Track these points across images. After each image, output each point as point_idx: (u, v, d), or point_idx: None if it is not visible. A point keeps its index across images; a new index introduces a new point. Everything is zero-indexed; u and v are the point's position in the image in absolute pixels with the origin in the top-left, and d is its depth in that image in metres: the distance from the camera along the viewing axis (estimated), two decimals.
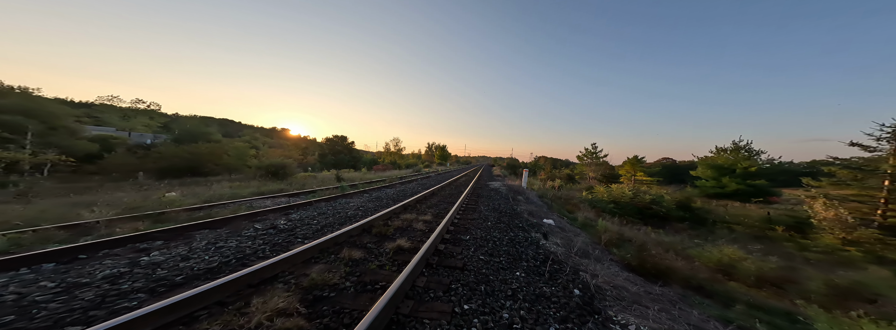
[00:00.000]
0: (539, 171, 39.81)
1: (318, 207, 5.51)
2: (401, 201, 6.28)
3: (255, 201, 5.94)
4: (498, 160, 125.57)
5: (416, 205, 6.20)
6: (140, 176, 12.30)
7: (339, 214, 4.83)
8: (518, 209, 7.19)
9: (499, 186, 12.58)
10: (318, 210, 5.13)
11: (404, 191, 8.65)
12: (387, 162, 36.44)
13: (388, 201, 6.53)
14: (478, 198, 8.09)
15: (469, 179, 14.78)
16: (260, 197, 6.43)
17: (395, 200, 6.62)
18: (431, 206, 6.21)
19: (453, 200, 6.97)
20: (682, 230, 9.14)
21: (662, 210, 10.74)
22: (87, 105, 34.58)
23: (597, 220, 9.44)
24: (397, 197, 7.28)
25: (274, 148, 26.78)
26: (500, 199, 8.53)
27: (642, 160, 29.66)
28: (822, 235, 6.86)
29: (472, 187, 10.33)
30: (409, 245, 3.19)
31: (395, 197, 7.28)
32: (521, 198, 10.29)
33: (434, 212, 5.46)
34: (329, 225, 4.12)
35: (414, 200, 6.38)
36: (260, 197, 6.43)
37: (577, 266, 3.38)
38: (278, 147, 26.46)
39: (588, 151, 32.64)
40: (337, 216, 4.69)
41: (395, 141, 62.88)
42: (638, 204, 11.27)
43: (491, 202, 7.53)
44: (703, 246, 6.61)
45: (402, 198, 7.04)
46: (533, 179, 15.42)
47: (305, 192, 7.65)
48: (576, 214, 10.55)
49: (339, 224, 4.20)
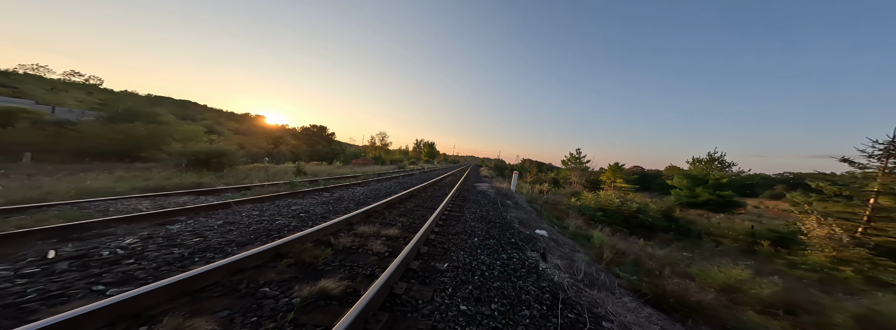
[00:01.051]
0: (525, 173, 40.05)
1: (233, 213, 3.90)
2: (366, 205, 5.25)
3: (118, 203, 4.04)
4: (485, 161, 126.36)
5: (385, 211, 5.07)
6: (26, 157, 9.95)
7: (255, 227, 3.33)
8: (508, 218, 6.38)
9: (486, 188, 11.79)
10: (225, 219, 3.54)
11: (378, 191, 7.54)
12: (370, 157, 34.61)
13: (350, 204, 5.41)
14: (463, 202, 7.18)
15: (455, 180, 13.89)
16: (143, 196, 4.53)
17: (359, 204, 5.53)
18: (404, 212, 5.13)
19: (434, 205, 6.04)
20: (668, 241, 8.99)
21: (648, 219, 10.57)
22: (3, 73, 29.23)
23: (586, 228, 8.95)
24: (364, 199, 6.22)
25: (240, 135, 24.13)
26: (488, 204, 7.70)
27: (622, 167, 30.59)
28: (810, 253, 6.81)
29: (458, 189, 9.43)
30: (342, 289, 1.93)
31: (362, 199, 6.20)
32: (509, 203, 9.57)
33: (406, 222, 4.33)
34: (206, 250, 2.53)
35: (383, 203, 5.31)
36: (143, 196, 4.53)
37: (592, 305, 2.54)
38: (246, 134, 23.88)
39: (573, 157, 33.14)
40: (244, 231, 3.13)
41: (381, 135, 60.63)
42: (624, 212, 11.06)
43: (478, 208, 6.66)
44: (695, 261, 6.31)
45: (370, 201, 5.98)
46: (521, 183, 14.85)
47: (238, 188, 6.08)
48: (565, 221, 10.03)
49: (235, 246, 2.70)
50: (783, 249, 7.70)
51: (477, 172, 27.58)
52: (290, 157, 23.16)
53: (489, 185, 12.90)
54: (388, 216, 4.64)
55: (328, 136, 28.51)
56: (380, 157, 34.82)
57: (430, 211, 5.37)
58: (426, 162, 51.06)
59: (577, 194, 20.39)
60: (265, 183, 6.91)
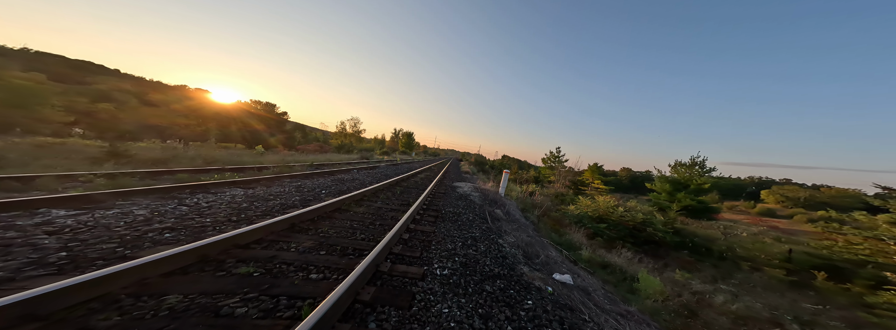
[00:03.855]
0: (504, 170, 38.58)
1: None
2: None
3: None
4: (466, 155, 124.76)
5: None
6: None
7: None
8: (506, 249, 3.73)
9: (469, 190, 9.06)
10: None
11: (280, 199, 4.38)
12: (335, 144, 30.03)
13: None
14: (437, 219, 4.34)
15: (431, 176, 10.97)
16: None
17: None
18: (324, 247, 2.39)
19: (380, 232, 3.25)
20: (687, 264, 7.38)
21: (658, 234, 8.83)
22: None
23: (591, 246, 6.82)
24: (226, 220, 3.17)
25: (153, 106, 18.49)
26: (475, 217, 4.98)
27: (601, 168, 30.37)
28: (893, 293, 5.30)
29: (431, 192, 6.55)
30: None
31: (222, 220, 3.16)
32: (500, 213, 6.96)
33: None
34: None
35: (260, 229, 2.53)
36: None
37: None
38: (158, 105, 18.19)
39: (552, 155, 32.15)
40: None
41: (353, 121, 54.47)
42: (627, 223, 9.32)
43: (461, 231, 3.90)
44: (739, 296, 4.57)
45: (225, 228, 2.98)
46: (511, 185, 12.39)
47: None
48: (565, 236, 7.83)
49: None
50: (837, 282, 6.26)
51: (458, 168, 24.91)
52: (216, 137, 18.15)
53: (472, 186, 10.20)
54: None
55: (278, 116, 23.40)
56: (346, 145, 30.36)
57: (356, 260, 2.46)
58: (402, 153, 47.15)
59: (562, 196, 18.89)
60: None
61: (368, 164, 13.55)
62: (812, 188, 55.87)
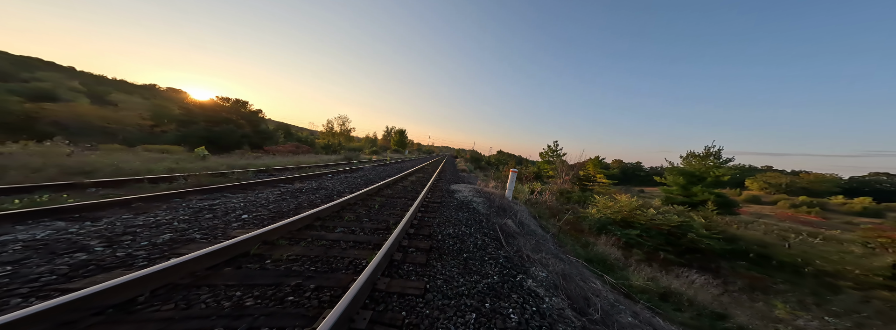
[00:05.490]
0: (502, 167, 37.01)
1: None
2: None
3: None
4: (460, 152, 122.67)
5: None
6: None
7: None
8: (542, 298, 2.10)
9: (470, 194, 7.37)
10: None
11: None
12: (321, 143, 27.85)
13: None
14: (430, 253, 2.65)
15: (424, 179, 9.23)
16: None
17: None
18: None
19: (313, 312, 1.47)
20: (755, 281, 5.73)
21: (707, 242, 7.21)
22: None
23: (630, 262, 5.30)
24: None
25: (111, 105, 16.25)
26: (485, 240, 3.35)
27: (603, 161, 29.11)
28: None
29: (423, 203, 4.84)
30: None
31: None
32: (512, 225, 5.32)
33: None
34: None
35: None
36: None
37: None
38: (116, 105, 15.91)
39: (550, 149, 30.73)
40: None
41: (340, 120, 51.88)
42: (660, 228, 7.80)
43: (469, 275, 2.24)
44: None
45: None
46: (519, 186, 10.73)
47: None
48: (591, 247, 6.28)
49: None
50: None
51: (454, 166, 23.15)
52: (171, 140, 15.93)
53: (473, 189, 8.51)
54: None
55: (252, 113, 21.05)
56: (334, 145, 28.23)
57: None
58: (394, 152, 45.08)
59: (568, 194, 17.43)
60: None
61: (351, 165, 11.69)
62: (792, 174, 56.25)
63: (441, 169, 14.76)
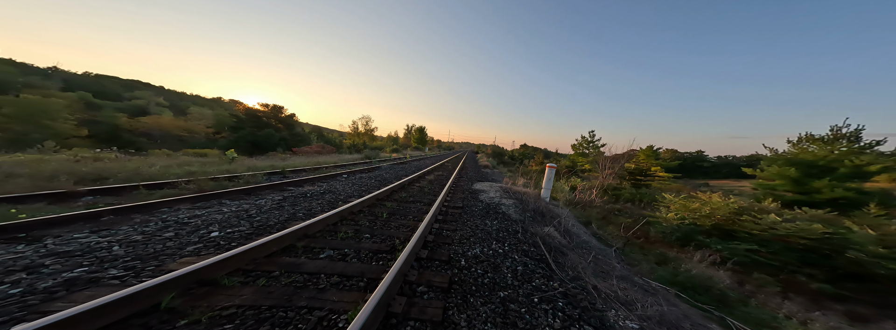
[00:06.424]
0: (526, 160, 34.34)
1: None
2: None
3: None
4: (481, 147, 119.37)
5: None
6: None
7: None
8: None
9: (497, 195, 6.25)
10: None
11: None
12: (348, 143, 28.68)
13: None
14: (448, 293, 1.85)
15: (443, 178, 8.31)
16: None
17: None
18: None
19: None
20: None
21: (891, 266, 4.31)
22: None
23: (766, 298, 3.61)
24: None
25: (182, 118, 18.41)
26: (525, 261, 2.37)
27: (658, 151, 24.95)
28: None
29: (441, 208, 3.93)
30: None
31: None
32: (557, 236, 4.14)
33: None
34: None
35: None
36: None
37: None
38: (187, 117, 17.88)
39: (585, 140, 27.27)
40: None
41: (364, 120, 53.55)
42: (789, 241, 5.34)
43: (507, 312, 1.14)
44: None
45: None
46: (558, 184, 9.20)
47: None
48: (677, 267, 4.72)
49: None
50: None
51: (474, 161, 21.88)
52: (225, 145, 17.26)
53: (499, 188, 7.32)
54: None
55: (287, 117, 22.09)
56: (358, 145, 28.88)
57: None
58: (415, 149, 45.10)
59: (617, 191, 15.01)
60: None
61: (369, 164, 11.24)
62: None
63: (462, 166, 13.75)
